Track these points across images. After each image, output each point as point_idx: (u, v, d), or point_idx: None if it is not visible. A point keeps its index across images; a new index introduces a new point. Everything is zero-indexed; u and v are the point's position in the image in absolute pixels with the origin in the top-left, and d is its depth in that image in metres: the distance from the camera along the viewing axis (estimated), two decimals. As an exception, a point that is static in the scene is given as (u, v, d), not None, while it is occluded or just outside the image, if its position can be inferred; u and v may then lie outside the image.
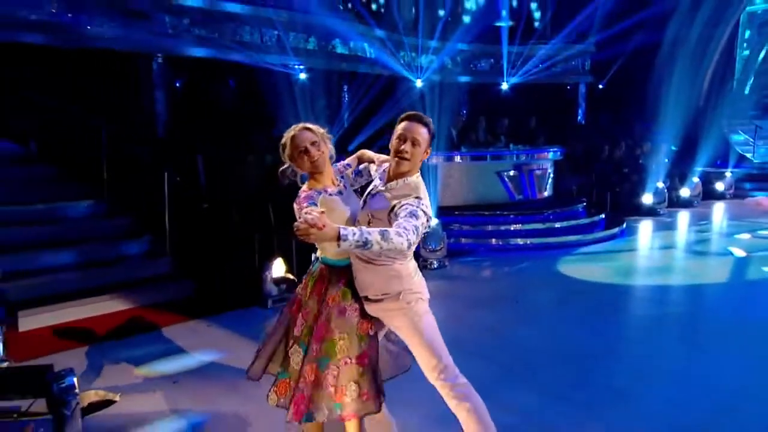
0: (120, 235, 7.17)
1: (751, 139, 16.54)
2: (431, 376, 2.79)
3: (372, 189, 2.93)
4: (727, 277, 7.59)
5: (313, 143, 2.80)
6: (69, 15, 9.13)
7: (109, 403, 3.56)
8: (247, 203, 7.46)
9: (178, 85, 11.67)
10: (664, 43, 15.76)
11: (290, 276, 6.32)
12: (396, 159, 2.74)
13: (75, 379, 3.39)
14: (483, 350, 4.82)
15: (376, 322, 2.86)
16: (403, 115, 2.82)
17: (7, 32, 8.33)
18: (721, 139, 15.84)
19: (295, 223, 2.32)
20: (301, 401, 2.70)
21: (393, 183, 2.79)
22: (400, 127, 2.76)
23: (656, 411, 3.88)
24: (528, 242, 8.88)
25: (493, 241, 8.90)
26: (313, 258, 3.07)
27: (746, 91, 18.10)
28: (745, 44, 18.82)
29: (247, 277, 6.58)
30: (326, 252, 2.92)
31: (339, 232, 2.34)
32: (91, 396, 3.53)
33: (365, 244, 2.39)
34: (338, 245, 2.38)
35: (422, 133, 2.73)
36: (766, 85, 17.92)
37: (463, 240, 8.89)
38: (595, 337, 5.36)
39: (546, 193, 10.28)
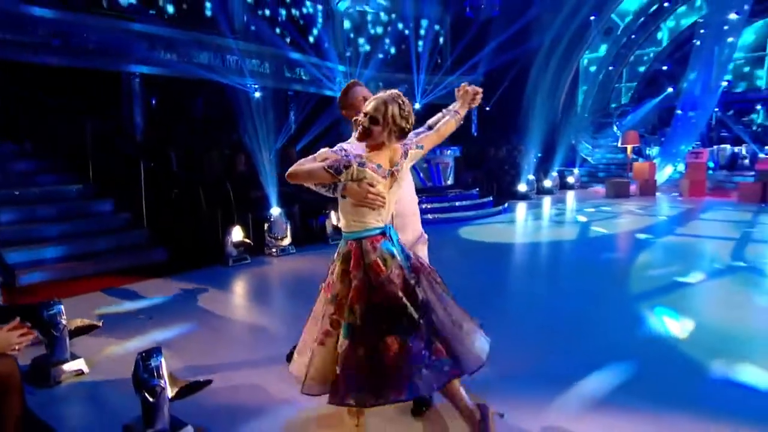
0: (104, 213, 6.68)
1: (590, 147, 17.63)
2: None
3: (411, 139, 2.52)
4: (575, 235, 8.00)
5: None
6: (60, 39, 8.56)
7: (93, 327, 3.25)
8: (211, 186, 7.12)
9: (154, 97, 11.04)
10: (530, 77, 16.53)
11: (247, 240, 6.09)
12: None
13: (62, 307, 3.10)
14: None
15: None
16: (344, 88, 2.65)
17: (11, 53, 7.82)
18: (570, 147, 16.78)
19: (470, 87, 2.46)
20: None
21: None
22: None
23: (530, 323, 4.10)
24: (436, 217, 8.95)
25: (409, 216, 8.92)
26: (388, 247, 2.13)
27: (586, 115, 19.30)
28: (584, 82, 20.12)
29: (211, 244, 6.29)
30: (381, 221, 2.14)
31: None
32: (77, 322, 3.22)
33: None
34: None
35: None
36: (598, 111, 19.19)
37: (385, 216, 8.84)
38: (488, 277, 5.49)
39: (449, 181, 10.45)
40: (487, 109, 17.64)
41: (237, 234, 5.93)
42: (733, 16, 14.57)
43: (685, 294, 4.72)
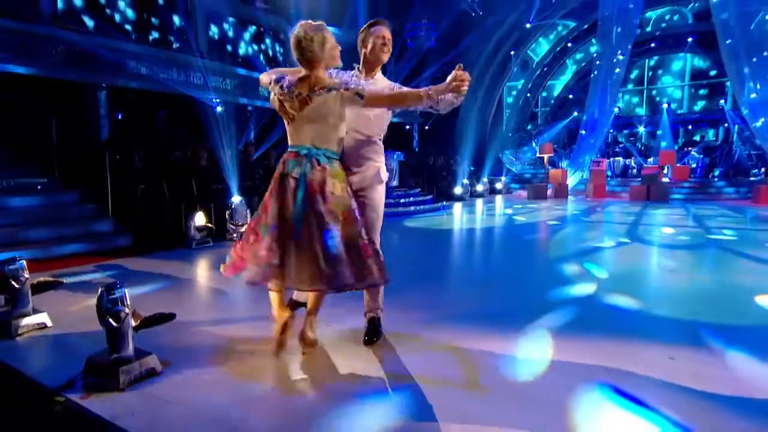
0: (69, 203, 6.22)
1: (514, 160, 18.52)
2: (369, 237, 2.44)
3: (358, 86, 2.34)
4: (503, 223, 8.37)
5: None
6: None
7: (56, 284, 3.01)
8: (175, 180, 6.81)
9: (120, 111, 10.47)
10: (463, 100, 17.19)
11: (209, 224, 5.88)
12: (383, 52, 2.46)
13: (24, 263, 2.86)
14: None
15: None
16: (369, 23, 2.51)
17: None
18: (497, 159, 17.51)
19: (462, 74, 2.05)
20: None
21: (377, 74, 2.52)
22: (372, 31, 2.46)
23: (471, 282, 4.33)
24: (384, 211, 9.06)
25: (360, 211, 8.95)
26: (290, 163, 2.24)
27: (510, 134, 20.26)
28: (507, 106, 21.16)
29: (174, 231, 6.00)
30: (330, 144, 2.24)
31: None
32: (40, 279, 2.97)
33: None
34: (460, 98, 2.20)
35: (389, 32, 2.50)
36: (520, 130, 20.19)
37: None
38: (428, 253, 5.65)
39: (395, 183, 10.53)
40: (427, 127, 18.16)
41: (200, 219, 5.71)
42: (619, 55, 16.02)
43: (595, 258, 5.07)
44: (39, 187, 6.37)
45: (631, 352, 2.49)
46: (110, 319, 2.13)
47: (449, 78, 2.11)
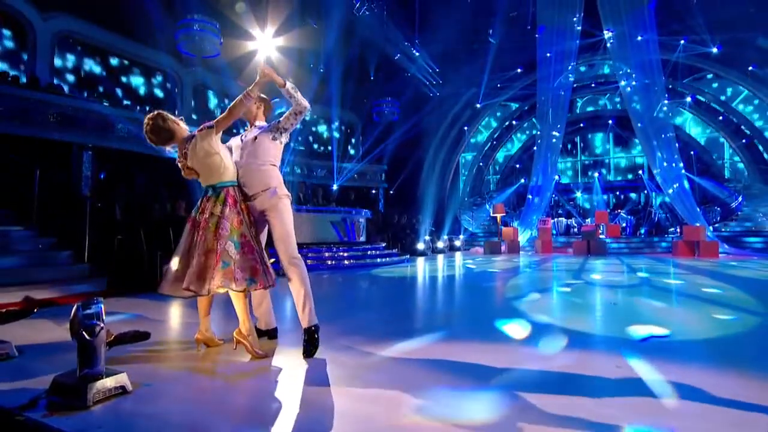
0: (46, 250, 5.90)
1: (470, 220, 19.21)
2: (282, 250, 2.72)
3: (247, 131, 2.95)
4: (463, 272, 8.52)
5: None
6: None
7: (22, 315, 2.82)
8: (153, 230, 6.66)
9: (103, 171, 10.33)
10: (424, 168, 18.06)
11: (186, 269, 5.68)
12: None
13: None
14: (339, 304, 5.09)
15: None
16: None
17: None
18: (455, 219, 18.13)
19: (263, 66, 2.58)
20: (267, 273, 2.65)
21: (262, 123, 2.96)
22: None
23: (427, 319, 4.40)
24: (351, 262, 9.06)
25: (329, 262, 8.88)
26: (209, 193, 2.72)
27: (466, 198, 21.19)
28: (463, 173, 22.33)
29: (149, 276, 5.77)
30: (227, 177, 2.68)
31: (284, 79, 2.63)
32: (9, 308, 2.79)
33: (296, 90, 2.65)
34: (285, 85, 2.63)
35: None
36: (474, 194, 21.21)
37: (309, 262, 8.74)
38: (392, 296, 5.70)
39: (362, 238, 10.66)
40: (391, 192, 18.78)
41: (175, 264, 5.50)
42: (556, 132, 17.65)
43: (548, 294, 5.28)
44: (16, 229, 6.05)
45: (584, 362, 2.61)
46: (84, 332, 2.02)
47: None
